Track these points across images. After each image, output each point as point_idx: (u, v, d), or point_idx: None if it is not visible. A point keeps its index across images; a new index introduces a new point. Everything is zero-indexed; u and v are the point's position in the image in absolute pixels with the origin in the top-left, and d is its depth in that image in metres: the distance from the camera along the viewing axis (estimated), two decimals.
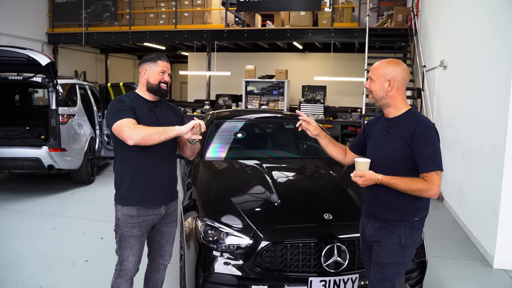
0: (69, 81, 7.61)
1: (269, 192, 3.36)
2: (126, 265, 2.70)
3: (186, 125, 2.48)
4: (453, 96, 6.50)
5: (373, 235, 2.46)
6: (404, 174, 2.30)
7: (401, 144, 2.32)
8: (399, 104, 2.40)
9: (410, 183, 2.25)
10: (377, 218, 2.46)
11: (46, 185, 7.29)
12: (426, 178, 2.25)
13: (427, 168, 2.25)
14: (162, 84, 2.66)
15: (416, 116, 2.38)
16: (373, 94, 2.43)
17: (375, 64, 2.43)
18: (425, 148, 2.26)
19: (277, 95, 11.87)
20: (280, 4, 10.97)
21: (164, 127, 2.48)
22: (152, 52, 2.73)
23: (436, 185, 2.24)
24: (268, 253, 2.85)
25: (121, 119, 2.49)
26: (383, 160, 2.39)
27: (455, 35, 6.50)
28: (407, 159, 2.31)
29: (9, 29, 11.51)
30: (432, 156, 2.25)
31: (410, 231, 2.37)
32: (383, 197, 2.40)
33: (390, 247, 2.37)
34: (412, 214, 2.37)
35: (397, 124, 2.39)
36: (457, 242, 5.10)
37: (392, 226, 2.38)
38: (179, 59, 19.09)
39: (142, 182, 2.65)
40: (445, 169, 2.33)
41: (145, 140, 2.43)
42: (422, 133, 2.27)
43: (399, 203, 2.36)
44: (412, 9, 10.03)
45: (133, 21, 12.34)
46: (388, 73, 2.36)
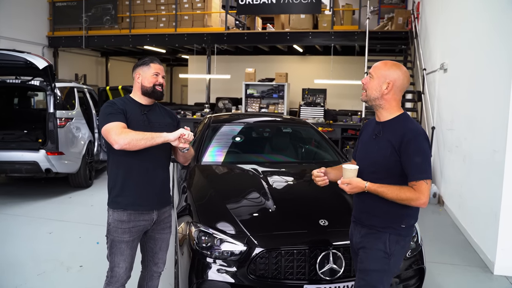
0: (67, 84, 7.59)
1: (265, 198, 3.31)
2: (117, 271, 2.66)
3: (173, 133, 2.45)
4: (453, 99, 6.45)
5: (360, 242, 2.42)
6: (392, 180, 2.25)
7: (388, 150, 2.27)
8: (392, 108, 2.34)
9: (398, 192, 2.20)
10: (364, 225, 2.41)
11: (44, 189, 7.25)
12: (414, 187, 2.19)
13: (415, 177, 2.19)
14: (157, 87, 2.64)
15: (406, 122, 2.30)
16: (367, 92, 2.35)
17: (379, 63, 2.37)
18: (414, 156, 2.20)
19: (277, 98, 11.83)
20: (280, 7, 10.94)
21: (152, 133, 2.45)
22: (145, 56, 2.70)
23: (424, 195, 2.18)
24: (262, 260, 2.80)
25: (110, 122, 2.47)
26: (371, 165, 2.34)
27: (455, 38, 6.45)
28: (394, 166, 2.26)
29: (10, 33, 11.52)
30: (421, 165, 2.20)
31: (396, 238, 2.31)
32: (370, 203, 2.35)
33: (374, 254, 2.32)
34: (399, 221, 2.31)
35: (387, 128, 2.33)
36: (457, 248, 5.03)
37: (378, 232, 2.33)
38: (180, 62, 19.09)
39: (133, 185, 2.61)
40: (445, 173, 2.31)
41: (131, 145, 2.41)
42: (412, 140, 2.21)
43: (386, 210, 2.30)
44: (413, 12, 9.99)
45: (133, 24, 12.33)
46: (389, 75, 2.30)
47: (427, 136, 2.28)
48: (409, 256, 3.09)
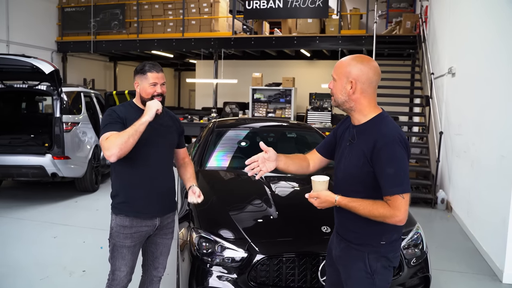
0: (74, 89, 7.63)
1: (267, 204, 3.26)
2: (118, 275, 2.65)
3: (148, 112, 2.43)
4: (461, 104, 6.37)
5: (339, 257, 2.18)
6: (368, 194, 1.99)
7: (361, 160, 2.00)
8: (365, 109, 2.05)
9: (370, 207, 1.93)
10: (341, 238, 2.17)
11: (50, 193, 7.28)
12: (389, 202, 1.91)
13: (389, 190, 1.90)
14: (155, 97, 2.57)
15: (380, 126, 2.00)
16: (334, 97, 2.09)
17: (339, 61, 2.08)
18: (386, 166, 1.91)
19: (284, 103, 11.79)
20: (288, 11, 10.92)
21: (132, 127, 2.39)
22: (144, 62, 2.64)
23: (401, 211, 1.89)
24: (263, 267, 2.76)
25: (103, 133, 2.46)
26: (344, 175, 2.11)
27: (464, 42, 6.38)
28: (367, 177, 1.98)
29: (20, 38, 11.63)
30: (394, 176, 1.90)
31: (376, 257, 2.03)
32: (346, 217, 2.10)
33: (355, 275, 2.07)
34: (378, 237, 2.03)
35: (361, 133, 2.05)
36: (465, 255, 4.94)
37: (355, 251, 2.07)
38: (188, 67, 19.15)
39: (137, 194, 2.59)
40: (453, 179, 2.20)
41: (124, 150, 2.36)
42: (383, 148, 1.92)
43: (361, 224, 2.03)
44: (421, 16, 9.91)
45: (141, 29, 12.39)
46: (350, 73, 2.01)
47: (404, 141, 1.96)
48: (414, 264, 3.03)
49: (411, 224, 3.22)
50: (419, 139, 9.26)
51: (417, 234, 3.17)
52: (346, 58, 2.07)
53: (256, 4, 11.06)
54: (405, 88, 9.93)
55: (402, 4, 12.97)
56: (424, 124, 8.64)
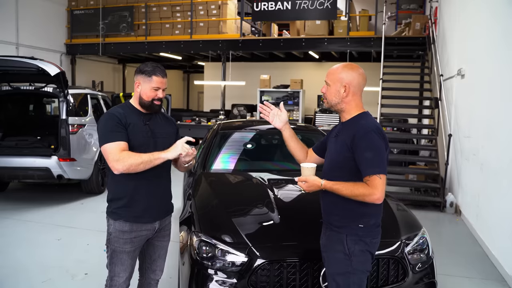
0: (81, 91, 7.65)
1: (269, 208, 3.20)
2: (116, 280, 2.61)
3: (172, 150, 2.43)
4: (470, 106, 6.26)
5: (324, 245, 2.42)
6: (346, 178, 2.25)
7: (343, 148, 2.29)
8: (352, 109, 2.36)
9: (352, 188, 2.19)
10: (327, 225, 2.41)
11: (56, 195, 7.30)
12: (368, 182, 2.17)
13: (367, 171, 2.18)
14: (155, 101, 2.55)
15: (361, 120, 2.32)
16: (328, 100, 2.40)
17: (332, 68, 2.40)
18: (365, 151, 2.20)
19: (292, 105, 11.74)
20: (296, 13, 10.86)
21: (150, 156, 2.41)
22: (148, 62, 2.59)
23: (378, 190, 2.15)
24: (264, 272, 2.70)
25: (109, 142, 2.41)
26: (329, 163, 2.41)
27: (473, 43, 6.27)
28: (347, 163, 2.27)
29: (29, 40, 11.73)
30: (372, 159, 2.18)
31: (354, 239, 2.27)
32: (329, 201, 2.36)
33: (334, 256, 2.31)
34: (356, 220, 2.28)
35: (345, 128, 2.37)
36: (474, 260, 4.84)
37: (336, 233, 2.32)
38: (196, 69, 19.17)
39: (138, 200, 2.55)
40: (462, 182, 2.20)
41: (130, 171, 2.39)
42: (363, 136, 2.21)
43: (343, 207, 2.29)
44: (430, 17, 9.79)
45: (149, 31, 12.42)
46: (344, 78, 2.33)
47: (381, 132, 2.25)
48: (419, 269, 2.95)
49: (416, 229, 3.14)
50: (429, 142, 9.14)
51: (423, 238, 3.09)
52: (338, 66, 2.39)
53: (264, 6, 11.02)
54: (414, 90, 9.82)
55: (411, 5, 12.83)
56: (433, 126, 8.52)
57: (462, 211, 6.40)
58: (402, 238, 2.94)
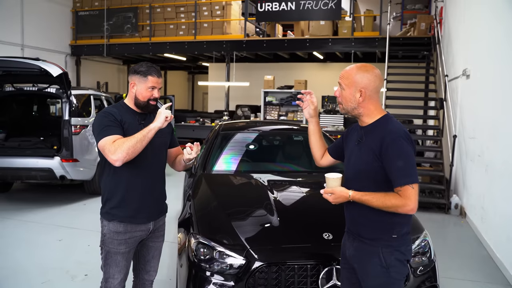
0: (84, 91, 7.65)
1: (269, 210, 3.16)
2: (111, 282, 2.59)
3: (157, 119, 2.40)
4: (475, 107, 6.18)
5: (354, 256, 2.27)
6: (377, 188, 2.11)
7: (370, 156, 2.13)
8: (372, 113, 2.20)
9: (383, 199, 2.06)
10: (354, 236, 2.27)
11: (59, 196, 7.30)
12: (400, 192, 2.04)
13: (400, 181, 2.04)
14: (151, 101, 2.53)
15: (387, 125, 2.16)
16: (343, 105, 2.22)
17: (346, 70, 2.21)
18: (396, 159, 2.05)
19: (296, 106, 11.65)
20: (300, 13, 10.82)
21: (141, 132, 2.37)
22: (143, 63, 2.56)
23: (411, 200, 2.02)
24: (262, 275, 2.66)
25: (105, 136, 2.38)
26: (355, 173, 2.22)
27: (478, 43, 6.20)
28: (377, 172, 2.12)
29: (34, 42, 11.79)
30: (404, 168, 2.05)
31: (390, 250, 2.14)
32: (356, 212, 2.22)
33: (372, 270, 2.18)
34: (389, 231, 2.15)
35: (368, 133, 2.20)
36: (479, 263, 4.77)
37: (369, 246, 2.18)
38: (201, 70, 19.18)
39: (130, 198, 2.53)
40: (467, 183, 2.13)
41: (131, 155, 2.33)
42: (392, 143, 2.07)
43: (374, 219, 2.15)
44: (435, 17, 9.71)
45: (153, 32, 12.43)
46: (359, 82, 2.15)
47: (409, 137, 2.11)
48: (421, 273, 2.90)
49: (418, 231, 3.08)
50: (434, 143, 9.06)
51: (425, 241, 3.03)
52: (353, 68, 2.20)
53: (268, 6, 10.99)
54: (419, 90, 9.74)
55: (417, 5, 12.74)
56: (438, 127, 8.44)
57: (467, 213, 6.32)
58: None
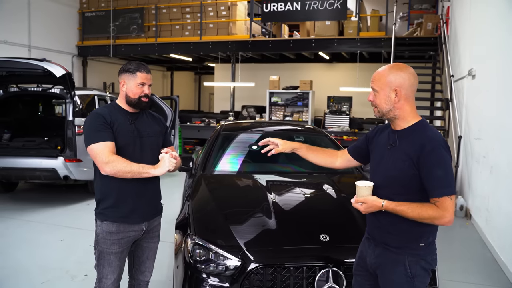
0: (89, 92, 7.68)
1: (267, 212, 3.12)
2: (104, 282, 2.59)
3: (160, 168, 2.44)
4: (481, 107, 6.11)
5: (375, 263, 2.19)
6: (410, 196, 2.03)
7: (405, 163, 2.03)
8: (408, 116, 2.10)
9: (419, 210, 1.96)
10: (377, 243, 2.19)
11: (63, 196, 7.33)
12: (437, 203, 1.95)
13: (438, 192, 1.95)
14: (142, 98, 2.53)
15: (425, 131, 2.06)
16: (378, 108, 2.13)
17: (378, 72, 2.12)
18: (435, 169, 1.96)
19: (302, 106, 11.63)
20: (305, 14, 10.77)
21: (140, 168, 2.41)
22: (132, 61, 2.58)
23: (449, 212, 1.94)
24: (257, 276, 2.64)
25: (97, 142, 2.39)
26: (386, 179, 2.12)
27: (483, 43, 6.12)
28: (411, 180, 2.03)
29: (41, 42, 11.85)
30: (443, 179, 1.96)
31: (416, 260, 2.07)
32: (383, 219, 2.13)
33: (396, 279, 2.10)
34: (417, 240, 2.08)
35: (403, 137, 2.10)
36: (483, 266, 4.70)
37: (394, 254, 2.11)
38: (208, 70, 19.19)
39: (123, 198, 2.53)
40: (473, 185, 2.08)
41: (118, 176, 2.39)
42: (432, 151, 1.97)
43: (402, 228, 2.07)
44: (442, 17, 9.62)
45: (159, 33, 12.45)
46: (393, 81, 2.06)
47: (447, 146, 2.04)
48: None
49: None
50: None
51: None
52: (384, 69, 2.12)
53: (274, 6, 10.96)
54: (426, 91, 9.65)
55: (424, 5, 12.63)
56: (443, 128, 8.36)
57: (472, 215, 6.24)
58: None
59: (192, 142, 12.22)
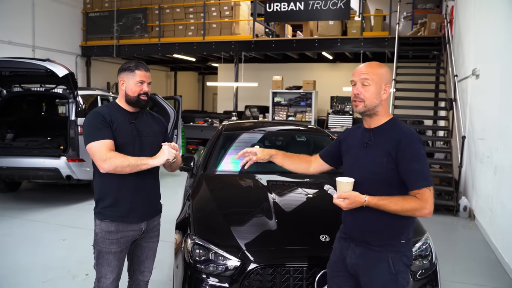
0: (91, 92, 7.69)
1: (267, 212, 3.11)
2: (103, 282, 2.59)
3: (159, 157, 2.42)
4: (484, 107, 6.07)
5: (356, 263, 2.17)
6: (387, 190, 2.05)
7: (384, 158, 2.06)
8: (385, 113, 2.14)
9: (402, 203, 1.98)
10: (357, 242, 2.17)
11: (66, 195, 7.35)
12: (418, 195, 1.99)
13: (418, 185, 1.99)
14: (141, 96, 2.53)
15: (400, 127, 2.10)
16: (366, 102, 2.09)
17: (370, 66, 2.11)
18: (413, 162, 2.01)
19: (305, 106, 11.61)
20: (309, 13, 10.74)
21: (137, 160, 2.40)
22: (130, 61, 2.59)
23: (429, 203, 1.98)
24: (257, 277, 2.62)
25: (96, 140, 2.40)
26: (363, 175, 2.11)
27: (487, 43, 6.08)
28: (390, 175, 2.06)
29: (45, 43, 11.90)
30: (421, 171, 2.01)
31: (398, 256, 2.09)
32: (360, 216, 2.12)
33: (380, 277, 2.10)
34: (398, 236, 2.10)
35: (379, 134, 2.13)
36: (486, 267, 4.67)
37: (377, 252, 2.10)
38: (211, 71, 19.19)
39: (122, 198, 2.53)
40: (476, 185, 2.09)
41: (117, 172, 2.38)
42: (408, 146, 2.02)
43: (383, 225, 2.09)
44: (446, 16, 9.57)
45: (162, 33, 12.46)
46: (385, 77, 2.09)
47: (420, 139, 2.08)
48: (421, 276, 2.83)
49: (419, 234, 3.01)
50: (444, 144, 8.92)
51: (426, 244, 2.96)
52: (372, 64, 2.13)
53: (277, 6, 10.94)
54: (429, 91, 9.60)
55: (428, 5, 12.59)
56: (447, 128, 8.31)
57: (476, 216, 6.20)
58: None
59: (195, 142, 12.22)
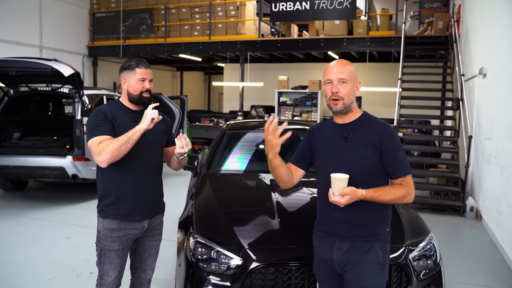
0: (97, 92, 7.73)
1: (270, 211, 3.10)
2: (105, 279, 2.60)
3: (143, 121, 2.37)
4: (491, 106, 6.01)
5: (344, 259, 2.17)
6: (373, 182, 2.13)
7: (369, 149, 2.13)
8: (356, 108, 2.24)
9: (393, 192, 2.09)
10: (344, 238, 2.17)
11: (72, 194, 7.39)
12: (404, 183, 2.12)
13: (403, 172, 2.13)
14: (144, 94, 2.52)
15: (376, 120, 2.23)
16: (345, 100, 2.13)
17: (342, 65, 2.16)
18: (396, 152, 2.13)
19: (311, 106, 11.58)
20: (314, 13, 10.71)
21: (126, 134, 2.35)
22: (131, 59, 2.58)
23: (413, 189, 2.15)
24: (259, 276, 2.62)
25: (94, 136, 2.39)
26: (349, 169, 2.11)
27: (494, 41, 6.02)
28: (375, 166, 2.14)
29: (52, 43, 11.97)
30: (403, 160, 2.15)
31: (385, 245, 2.19)
32: (345, 210, 2.10)
33: (370, 269, 2.13)
34: (382, 225, 2.20)
35: (357, 128, 2.19)
36: (492, 268, 4.62)
37: (366, 243, 2.15)
38: (217, 70, 19.20)
39: (127, 197, 2.53)
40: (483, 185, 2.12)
41: (116, 156, 2.34)
42: (390, 137, 2.14)
43: (370, 214, 2.15)
44: (453, 16, 9.50)
45: (168, 33, 12.48)
46: (355, 74, 2.19)
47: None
48: (425, 277, 2.80)
49: (423, 234, 2.99)
50: (451, 144, 8.86)
51: (430, 244, 2.93)
52: (343, 62, 2.19)
53: (283, 6, 10.92)
54: (436, 90, 9.54)
55: (435, 4, 12.51)
56: (454, 128, 8.25)
57: (482, 216, 6.14)
58: (406, 244, 2.79)
59: (201, 141, 12.24)
